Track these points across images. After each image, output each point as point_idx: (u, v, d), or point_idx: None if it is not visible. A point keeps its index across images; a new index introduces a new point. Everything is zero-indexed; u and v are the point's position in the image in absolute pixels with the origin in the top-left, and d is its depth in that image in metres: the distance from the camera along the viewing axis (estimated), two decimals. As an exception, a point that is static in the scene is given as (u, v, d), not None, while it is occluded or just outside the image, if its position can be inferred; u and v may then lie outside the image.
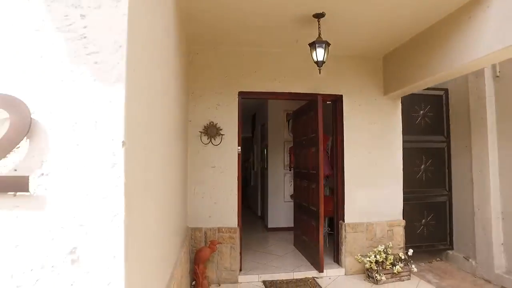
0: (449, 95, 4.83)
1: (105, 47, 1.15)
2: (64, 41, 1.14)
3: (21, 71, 1.11)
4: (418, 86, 3.95)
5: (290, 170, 6.51)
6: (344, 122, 4.44)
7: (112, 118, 1.14)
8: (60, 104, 1.12)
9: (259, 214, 7.94)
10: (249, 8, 3.12)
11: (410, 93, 4.32)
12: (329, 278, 4.12)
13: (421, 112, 4.79)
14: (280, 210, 6.67)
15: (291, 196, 6.53)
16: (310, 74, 4.13)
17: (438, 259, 4.80)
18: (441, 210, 4.79)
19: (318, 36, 3.26)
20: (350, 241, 4.29)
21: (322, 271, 4.18)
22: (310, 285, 3.91)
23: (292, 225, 5.89)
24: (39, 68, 1.12)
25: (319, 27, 3.26)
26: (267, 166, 6.85)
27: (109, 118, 1.13)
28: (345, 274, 4.24)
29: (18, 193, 1.09)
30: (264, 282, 3.98)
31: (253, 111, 8.50)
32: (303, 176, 4.95)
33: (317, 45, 3.20)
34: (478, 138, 4.25)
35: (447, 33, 3.25)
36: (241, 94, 4.22)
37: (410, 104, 4.70)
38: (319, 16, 3.19)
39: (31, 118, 1.09)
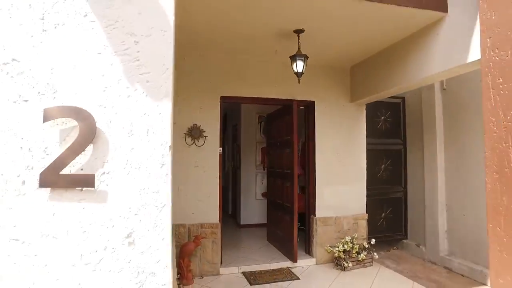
0: (405, 103, 5.48)
1: (155, 69, 1.41)
2: (121, 63, 1.38)
3: (86, 87, 1.33)
4: (380, 95, 4.51)
5: (264, 169, 6.88)
6: (315, 126, 4.89)
7: (161, 127, 1.40)
8: (118, 115, 1.36)
9: (230, 212, 8.22)
10: (237, 22, 3.42)
11: (374, 101, 4.87)
12: (302, 268, 4.54)
13: (382, 117, 5.40)
14: (252, 208, 7.02)
15: (263, 194, 6.92)
16: (286, 82, 4.53)
17: (395, 247, 5.43)
18: (397, 204, 5.43)
19: (298, 49, 3.65)
20: (321, 234, 4.75)
21: (296, 261, 4.59)
22: (286, 274, 4.30)
23: (264, 222, 6.28)
24: (101, 85, 1.35)
25: (298, 42, 3.65)
26: (239, 165, 7.16)
27: (159, 127, 1.40)
28: (316, 264, 4.69)
29: (84, 188, 1.31)
30: (243, 273, 4.30)
31: (224, 111, 8.73)
32: (278, 175, 5.33)
33: (297, 58, 3.59)
34: (429, 142, 4.91)
35: (407, 52, 3.79)
36: (223, 98, 4.50)
37: (373, 110, 5.27)
38: (299, 31, 3.58)
39: (96, 127, 1.32)
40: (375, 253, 4.63)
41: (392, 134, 5.44)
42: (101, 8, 1.37)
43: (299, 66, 3.61)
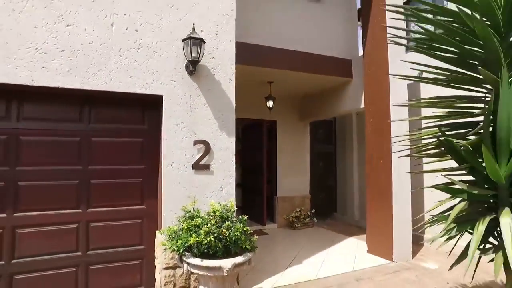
0: (336, 121, 8.18)
1: (229, 125, 3.70)
2: (217, 122, 3.64)
3: (206, 133, 3.58)
4: (319, 117, 7.09)
5: (240, 166, 9.18)
6: (277, 137, 7.34)
7: (231, 146, 3.69)
8: (217, 143, 3.62)
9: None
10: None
11: (315, 120, 7.46)
12: (269, 229, 6.96)
13: (321, 130, 8.03)
14: (228, 195, 9.29)
15: (236, 185, 9.22)
16: (259, 108, 6.89)
17: (328, 219, 8.09)
18: (330, 189, 8.10)
19: (269, 93, 6.05)
20: (280, 207, 7.20)
21: (265, 225, 7.00)
22: (259, 232, 6.67)
23: (237, 206, 8.57)
24: (211, 131, 3.60)
25: (270, 88, 6.05)
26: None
27: (231, 146, 3.68)
28: (277, 227, 7.13)
29: (205, 170, 3.56)
30: (232, 233, 6.58)
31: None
32: (252, 170, 7.69)
33: (269, 98, 5.98)
34: (348, 146, 7.63)
35: (335, 94, 6.35)
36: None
37: (315, 125, 7.87)
38: (271, 82, 5.97)
39: (210, 148, 3.57)
40: (315, 219, 7.21)
41: (327, 141, 8.10)
42: (210, 101, 3.62)
43: (270, 103, 6.01)
